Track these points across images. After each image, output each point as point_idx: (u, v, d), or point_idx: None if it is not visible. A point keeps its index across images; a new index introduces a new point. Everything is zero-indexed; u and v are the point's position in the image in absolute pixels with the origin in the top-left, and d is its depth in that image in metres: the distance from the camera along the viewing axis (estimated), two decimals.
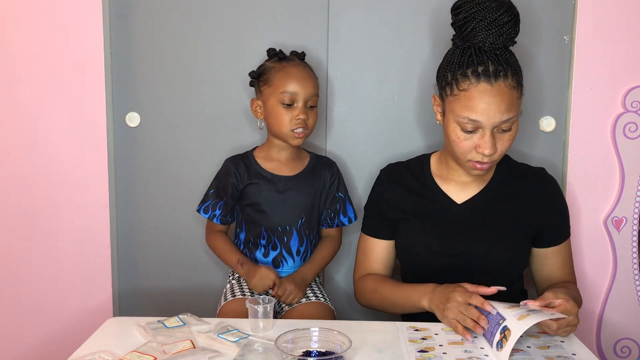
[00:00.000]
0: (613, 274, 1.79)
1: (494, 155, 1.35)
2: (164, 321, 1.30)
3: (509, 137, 1.35)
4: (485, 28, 1.31)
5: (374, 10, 1.79)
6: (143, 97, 1.84)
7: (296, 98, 1.55)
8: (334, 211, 1.67)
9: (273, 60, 1.62)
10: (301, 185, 1.63)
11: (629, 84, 1.73)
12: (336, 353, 1.14)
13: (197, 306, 1.87)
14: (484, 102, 1.30)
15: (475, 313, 1.22)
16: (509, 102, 1.31)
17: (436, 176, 1.51)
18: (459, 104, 1.34)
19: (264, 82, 1.59)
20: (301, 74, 1.57)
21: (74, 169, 1.83)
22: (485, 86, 1.31)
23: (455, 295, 1.27)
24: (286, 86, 1.54)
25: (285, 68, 1.57)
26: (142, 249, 1.90)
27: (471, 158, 1.36)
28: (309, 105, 1.57)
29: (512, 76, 1.32)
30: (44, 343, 1.90)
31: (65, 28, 1.78)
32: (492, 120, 1.31)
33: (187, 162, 1.86)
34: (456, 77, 1.34)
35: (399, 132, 1.83)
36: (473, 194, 1.46)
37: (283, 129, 1.56)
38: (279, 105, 1.56)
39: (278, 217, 1.61)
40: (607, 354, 1.82)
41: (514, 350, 1.17)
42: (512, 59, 1.35)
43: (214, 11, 1.80)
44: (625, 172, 1.75)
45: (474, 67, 1.32)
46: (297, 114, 1.54)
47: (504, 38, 1.32)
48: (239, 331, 1.25)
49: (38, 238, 1.86)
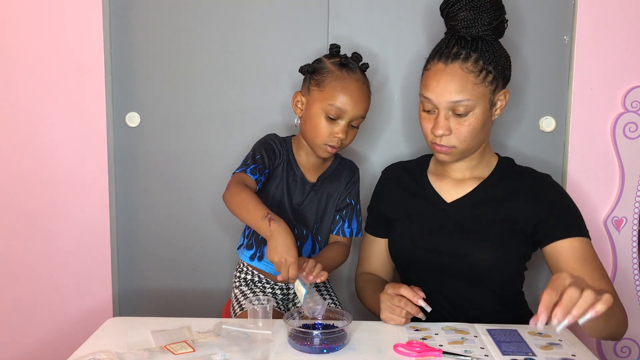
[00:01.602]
0: (613, 274, 1.79)
1: (451, 140, 1.36)
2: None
3: (467, 124, 1.35)
4: (461, 9, 1.36)
5: (374, 10, 1.79)
6: (143, 97, 1.85)
7: (343, 115, 1.43)
8: (341, 217, 1.58)
9: (334, 62, 1.47)
10: (320, 189, 1.55)
11: (629, 84, 1.73)
12: (338, 327, 1.21)
13: (197, 306, 1.88)
14: (435, 80, 1.35)
15: (406, 297, 1.28)
16: (461, 84, 1.33)
17: (432, 174, 1.51)
18: (422, 82, 1.40)
19: (317, 83, 1.46)
20: (358, 92, 1.43)
21: (74, 169, 1.83)
22: (440, 65, 1.35)
23: (385, 292, 1.32)
24: (338, 100, 1.41)
25: (344, 79, 1.43)
26: (142, 249, 1.90)
27: (432, 140, 1.39)
28: (352, 124, 1.46)
29: (474, 61, 1.33)
30: (44, 343, 1.90)
31: (65, 28, 1.78)
32: (440, 98, 1.34)
33: (187, 162, 1.86)
34: (429, 59, 1.40)
35: (398, 133, 1.83)
36: (464, 193, 1.46)
37: (317, 140, 1.46)
38: (322, 115, 1.43)
39: (295, 220, 1.53)
40: (607, 354, 1.82)
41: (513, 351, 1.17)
42: (487, 48, 1.35)
43: (213, 11, 1.80)
44: (625, 172, 1.75)
45: (441, 48, 1.37)
46: (337, 131, 1.43)
47: (479, 23, 1.35)
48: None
49: (38, 238, 1.86)
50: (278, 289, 1.58)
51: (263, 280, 1.58)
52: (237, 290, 1.59)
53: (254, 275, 1.59)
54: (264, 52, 1.81)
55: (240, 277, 1.61)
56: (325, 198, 1.56)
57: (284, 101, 1.81)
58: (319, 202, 1.56)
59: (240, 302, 1.54)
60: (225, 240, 1.87)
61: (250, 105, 1.83)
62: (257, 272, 1.58)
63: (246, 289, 1.57)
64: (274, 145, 1.52)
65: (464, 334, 1.26)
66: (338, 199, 1.58)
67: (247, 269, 1.60)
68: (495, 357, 1.15)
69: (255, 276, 1.58)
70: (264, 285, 1.58)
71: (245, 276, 1.60)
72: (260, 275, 1.58)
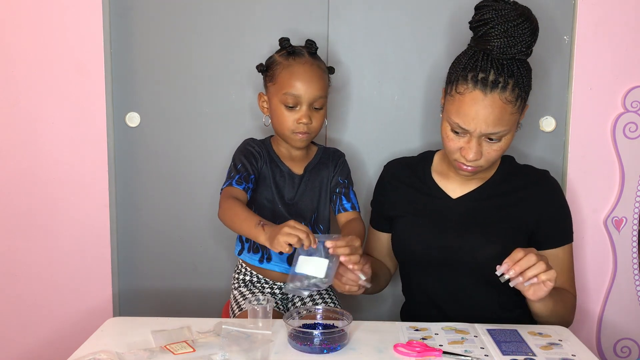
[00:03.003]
0: (613, 274, 1.79)
1: (479, 162, 1.36)
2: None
3: (498, 147, 1.35)
4: (497, 36, 1.30)
5: (374, 10, 1.79)
6: (143, 97, 1.84)
7: (300, 101, 1.44)
8: (337, 195, 1.57)
9: (282, 53, 1.49)
10: (309, 180, 1.56)
11: (629, 84, 1.73)
12: (338, 327, 1.20)
13: (197, 306, 1.88)
14: (474, 111, 1.31)
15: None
16: (499, 116, 1.30)
17: (435, 172, 1.52)
18: (453, 106, 1.35)
19: (270, 78, 1.49)
20: (307, 74, 1.45)
21: (74, 169, 1.83)
22: (478, 94, 1.30)
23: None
24: (289, 87, 1.44)
25: (291, 66, 1.45)
26: (142, 249, 1.90)
27: (457, 158, 1.38)
28: (315, 107, 1.46)
29: (512, 90, 1.30)
30: (44, 343, 1.90)
31: (65, 28, 1.78)
32: (477, 130, 1.31)
33: (187, 162, 1.86)
34: (458, 78, 1.34)
35: (398, 132, 1.83)
36: (470, 190, 1.47)
37: (285, 131, 1.48)
38: (281, 106, 1.46)
39: (290, 215, 1.52)
40: (607, 354, 1.82)
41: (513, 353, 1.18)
42: (520, 71, 1.32)
43: (213, 11, 1.80)
44: (625, 172, 1.75)
45: (475, 72, 1.31)
46: (299, 117, 1.45)
47: (515, 49, 1.30)
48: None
49: (38, 238, 1.86)
50: (277, 288, 1.58)
51: (262, 281, 1.58)
52: (235, 291, 1.58)
53: (253, 276, 1.59)
54: (264, 52, 1.80)
55: (239, 279, 1.60)
56: (318, 187, 1.56)
57: None
58: (312, 193, 1.56)
59: (239, 303, 1.54)
60: (225, 240, 1.87)
61: (250, 106, 1.83)
62: (256, 272, 1.58)
63: (245, 290, 1.57)
64: (251, 149, 1.53)
65: (464, 334, 1.26)
66: (330, 184, 1.58)
67: (246, 269, 1.60)
68: (495, 357, 1.15)
69: (254, 277, 1.58)
70: (262, 286, 1.58)
71: (244, 277, 1.59)
72: (259, 276, 1.58)
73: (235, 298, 1.57)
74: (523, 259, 1.20)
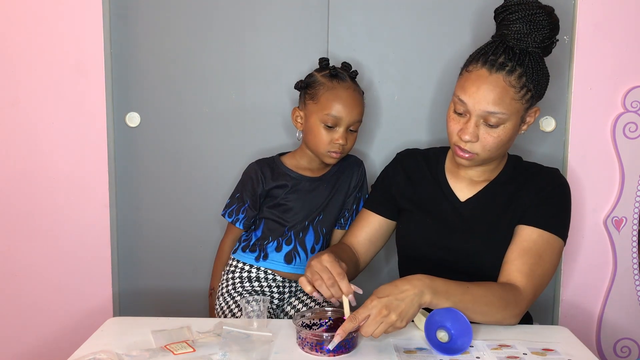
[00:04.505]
0: (613, 274, 1.79)
1: (475, 146, 1.35)
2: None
3: (496, 135, 1.34)
4: (515, 21, 1.32)
5: (374, 10, 1.79)
6: (143, 97, 1.85)
7: (339, 122, 1.50)
8: (349, 211, 1.65)
9: (324, 74, 1.54)
10: (325, 185, 1.61)
11: (629, 84, 1.73)
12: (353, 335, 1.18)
13: (197, 306, 1.88)
14: (476, 86, 1.32)
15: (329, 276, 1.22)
16: (500, 96, 1.30)
17: (448, 171, 1.51)
18: (460, 82, 1.37)
19: (311, 96, 1.54)
20: (350, 98, 1.51)
21: (74, 169, 1.83)
22: (484, 72, 1.32)
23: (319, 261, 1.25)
24: (332, 109, 1.49)
25: (335, 89, 1.51)
26: (143, 249, 1.90)
27: (455, 142, 1.38)
28: (351, 129, 1.53)
29: (518, 77, 1.30)
30: (44, 343, 1.90)
31: (65, 28, 1.78)
32: (476, 105, 1.32)
33: (187, 162, 1.86)
34: (472, 60, 1.36)
35: (398, 132, 1.83)
36: (476, 191, 1.46)
37: (320, 149, 1.53)
38: (320, 125, 1.51)
39: (299, 215, 1.58)
40: (607, 354, 1.82)
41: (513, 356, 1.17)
42: (532, 64, 1.32)
43: (214, 11, 1.80)
44: (625, 172, 1.75)
45: (487, 55, 1.33)
46: (337, 137, 1.51)
47: (530, 38, 1.31)
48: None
49: (38, 238, 1.86)
50: (275, 287, 1.59)
51: (260, 274, 1.60)
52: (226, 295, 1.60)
53: (251, 272, 1.61)
54: (264, 52, 1.81)
55: (230, 278, 1.62)
56: (332, 189, 1.61)
57: (284, 101, 1.81)
58: (325, 192, 1.60)
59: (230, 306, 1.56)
60: None
61: (250, 105, 1.83)
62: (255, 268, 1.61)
63: (235, 294, 1.58)
64: (250, 173, 1.61)
65: None
66: (347, 195, 1.64)
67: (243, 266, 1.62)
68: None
69: (252, 272, 1.60)
70: (259, 280, 1.60)
71: (241, 274, 1.61)
72: (258, 268, 1.61)
73: (226, 300, 1.58)
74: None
